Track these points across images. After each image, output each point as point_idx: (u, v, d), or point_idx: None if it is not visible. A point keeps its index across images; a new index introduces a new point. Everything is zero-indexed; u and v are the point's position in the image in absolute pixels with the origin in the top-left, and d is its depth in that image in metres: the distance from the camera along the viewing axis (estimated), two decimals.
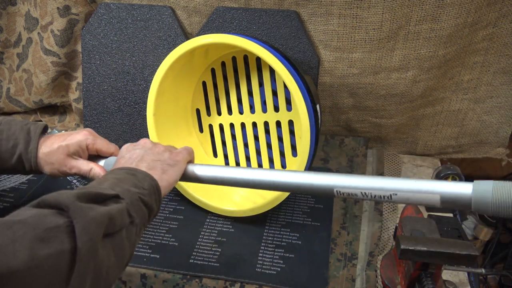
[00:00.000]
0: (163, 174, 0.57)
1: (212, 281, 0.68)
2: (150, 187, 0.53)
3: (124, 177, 0.52)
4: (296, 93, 0.66)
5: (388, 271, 0.64)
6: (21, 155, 0.65)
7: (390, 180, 0.51)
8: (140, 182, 0.52)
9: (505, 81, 0.86)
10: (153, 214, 0.53)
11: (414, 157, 0.97)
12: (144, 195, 0.51)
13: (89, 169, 0.66)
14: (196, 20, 0.90)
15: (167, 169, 0.58)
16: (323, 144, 0.93)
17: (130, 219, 0.48)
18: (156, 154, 0.60)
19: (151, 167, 0.57)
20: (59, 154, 0.65)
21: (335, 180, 0.53)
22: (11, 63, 1.09)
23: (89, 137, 0.67)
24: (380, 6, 0.77)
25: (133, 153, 0.60)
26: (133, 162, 0.58)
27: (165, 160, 0.59)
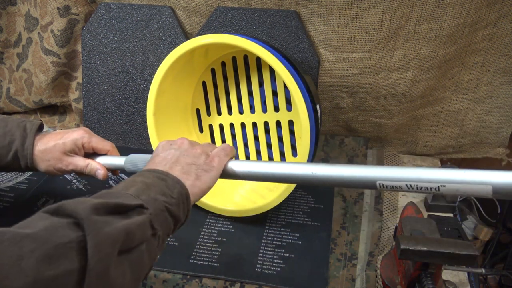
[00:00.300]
0: (197, 181, 0.54)
1: (212, 281, 0.68)
2: (179, 196, 0.50)
3: (153, 182, 0.49)
4: (296, 93, 0.66)
5: (388, 271, 0.64)
6: (17, 152, 0.65)
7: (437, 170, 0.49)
8: (170, 189, 0.49)
9: (505, 81, 0.86)
10: (179, 225, 0.51)
11: (414, 157, 0.97)
12: (171, 204, 0.48)
13: (86, 165, 0.67)
14: (196, 20, 0.90)
15: (201, 175, 0.55)
16: (323, 144, 0.93)
17: (153, 231, 0.45)
18: (192, 157, 0.56)
19: (186, 171, 0.54)
20: (55, 152, 0.66)
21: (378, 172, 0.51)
22: (11, 63, 1.09)
23: (84, 136, 0.67)
24: (380, 6, 0.77)
25: (168, 153, 0.57)
26: (167, 164, 0.55)
27: (200, 164, 0.56)
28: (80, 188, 0.86)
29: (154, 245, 0.45)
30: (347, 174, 0.53)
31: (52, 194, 0.84)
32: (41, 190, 0.85)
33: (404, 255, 0.54)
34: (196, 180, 0.54)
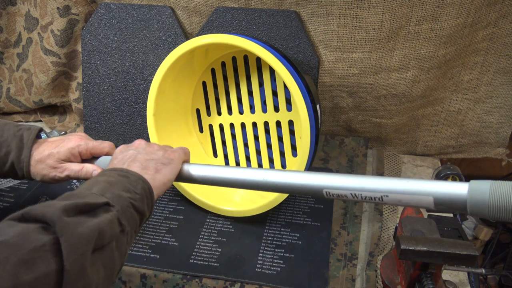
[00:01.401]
0: (157, 173, 0.55)
1: (212, 281, 0.68)
2: (143, 191, 0.51)
3: (116, 180, 0.50)
4: (296, 93, 0.66)
5: (388, 271, 0.64)
6: (14, 164, 0.64)
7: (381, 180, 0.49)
8: (132, 185, 0.50)
9: (505, 81, 0.86)
10: (144, 219, 0.51)
11: (414, 157, 0.97)
12: (135, 200, 0.49)
13: (81, 168, 0.66)
14: (196, 20, 0.90)
15: (161, 168, 0.56)
16: (323, 144, 0.93)
17: (121, 227, 0.46)
18: (150, 153, 0.58)
19: (144, 166, 0.55)
20: (49, 161, 0.64)
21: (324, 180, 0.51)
22: (11, 63, 1.09)
23: (81, 143, 0.66)
24: (380, 6, 0.77)
25: (126, 153, 0.58)
26: (126, 162, 0.56)
27: (159, 158, 0.57)
28: None
29: (123, 241, 0.46)
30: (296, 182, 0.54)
31: (52, 195, 0.84)
32: (41, 190, 0.85)
33: (404, 255, 0.54)
34: (156, 173, 0.55)
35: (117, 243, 0.45)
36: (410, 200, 0.47)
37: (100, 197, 0.46)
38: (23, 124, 0.68)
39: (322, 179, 0.52)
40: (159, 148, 0.60)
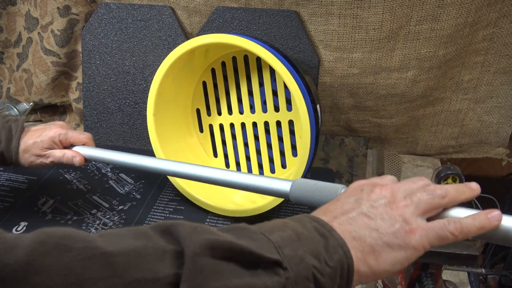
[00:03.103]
0: (370, 255, 0.36)
1: None
2: (339, 265, 0.34)
3: (308, 235, 0.35)
4: (296, 93, 0.66)
5: None
6: (3, 153, 0.68)
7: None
8: (328, 252, 0.34)
9: (505, 81, 0.86)
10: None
11: (414, 157, 0.97)
12: (323, 274, 0.33)
13: (62, 155, 0.70)
14: (196, 20, 0.90)
15: (382, 251, 0.36)
16: (323, 144, 0.93)
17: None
18: (379, 217, 0.37)
19: (358, 236, 0.36)
20: (34, 149, 0.69)
21: None
22: (11, 63, 1.09)
23: (61, 132, 0.70)
24: (380, 6, 0.77)
25: (349, 201, 0.39)
26: (339, 216, 0.38)
27: (386, 233, 0.36)
28: (80, 188, 0.86)
29: None
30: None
31: (52, 194, 0.84)
32: (41, 190, 0.85)
33: None
34: (370, 254, 0.36)
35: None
36: None
37: (274, 249, 0.32)
38: (9, 115, 0.72)
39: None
40: (400, 217, 0.37)
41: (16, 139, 0.68)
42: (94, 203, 0.82)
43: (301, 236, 0.34)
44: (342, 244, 0.34)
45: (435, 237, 0.37)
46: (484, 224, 0.37)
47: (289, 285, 0.31)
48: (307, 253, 0.33)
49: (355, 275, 0.35)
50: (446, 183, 0.79)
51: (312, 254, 0.33)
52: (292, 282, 0.31)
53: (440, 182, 0.78)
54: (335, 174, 0.87)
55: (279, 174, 0.82)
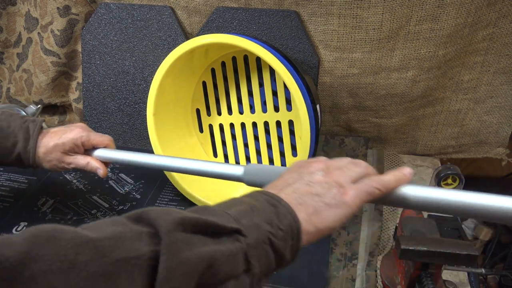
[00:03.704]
0: (314, 215, 0.42)
1: None
2: (289, 229, 0.39)
3: (261, 206, 0.40)
4: (296, 93, 0.66)
5: (388, 271, 0.64)
6: (20, 154, 0.67)
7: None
8: (279, 218, 0.39)
9: (505, 81, 0.86)
10: (283, 264, 0.40)
11: (414, 157, 0.97)
12: (277, 237, 0.38)
13: (86, 163, 0.69)
14: (196, 20, 0.90)
15: (322, 211, 0.42)
16: (323, 144, 0.93)
17: (247, 266, 0.36)
18: (318, 184, 0.44)
19: (301, 201, 0.42)
20: (56, 152, 0.68)
21: None
22: (11, 63, 1.09)
23: (83, 134, 0.69)
24: (380, 6, 0.77)
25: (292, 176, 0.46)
26: (284, 188, 0.44)
27: (324, 195, 0.43)
28: (80, 188, 0.86)
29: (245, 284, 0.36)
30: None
31: (52, 194, 0.84)
32: (41, 190, 0.85)
33: (404, 255, 0.53)
34: (313, 214, 0.42)
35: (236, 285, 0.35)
36: None
37: (233, 221, 0.37)
38: (27, 116, 0.71)
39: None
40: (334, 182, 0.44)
41: (33, 139, 0.67)
42: (94, 203, 0.82)
43: (255, 208, 0.39)
44: (290, 211, 0.40)
45: (364, 194, 0.44)
46: (400, 177, 0.46)
47: (249, 249, 0.36)
48: (261, 221, 0.38)
49: (303, 234, 0.41)
50: (446, 183, 0.79)
51: (266, 222, 0.38)
52: (252, 246, 0.36)
53: (440, 182, 0.78)
54: None
55: None
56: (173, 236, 0.33)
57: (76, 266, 0.30)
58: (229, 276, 0.35)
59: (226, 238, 0.36)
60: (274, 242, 0.38)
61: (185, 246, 0.33)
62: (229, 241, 0.36)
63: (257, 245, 0.37)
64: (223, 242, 0.35)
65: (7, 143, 0.66)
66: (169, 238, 0.32)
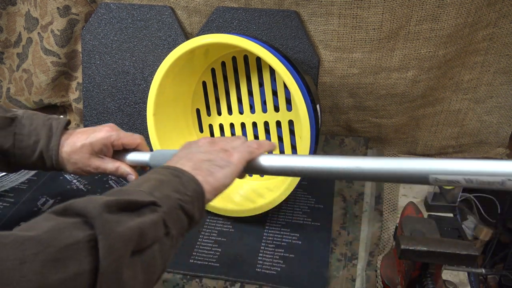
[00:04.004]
0: (209, 177, 0.50)
1: (212, 281, 0.68)
2: (194, 193, 0.47)
3: (167, 179, 0.47)
4: (296, 93, 0.66)
5: (388, 271, 0.64)
6: (43, 152, 0.63)
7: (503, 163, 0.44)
8: (184, 186, 0.46)
9: (505, 81, 0.86)
10: (193, 223, 0.48)
11: (414, 157, 0.97)
12: (185, 202, 0.45)
13: (116, 168, 0.65)
14: (196, 20, 0.90)
15: (215, 171, 0.51)
16: (323, 144, 0.93)
17: (166, 230, 0.42)
18: (208, 153, 0.53)
19: (197, 167, 0.50)
20: (83, 153, 0.64)
21: (431, 165, 0.47)
22: (11, 63, 1.09)
23: (113, 134, 0.65)
24: (380, 6, 0.77)
25: (185, 151, 0.55)
26: (180, 160, 0.52)
27: (215, 160, 0.52)
28: (80, 188, 0.86)
29: (167, 245, 0.43)
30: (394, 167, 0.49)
31: (52, 194, 0.84)
32: (41, 190, 0.85)
33: (404, 255, 0.54)
34: (209, 176, 0.50)
35: (160, 246, 0.42)
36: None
37: (147, 195, 0.43)
38: (51, 115, 0.67)
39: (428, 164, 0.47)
40: (221, 148, 0.55)
41: (56, 136, 0.63)
42: None
43: (163, 181, 0.46)
44: (192, 178, 0.48)
45: (246, 153, 0.55)
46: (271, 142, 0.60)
47: (166, 216, 0.43)
48: (171, 191, 0.45)
49: (206, 194, 0.49)
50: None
51: (174, 191, 0.45)
52: (167, 213, 0.43)
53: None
54: None
55: None
56: (103, 218, 0.37)
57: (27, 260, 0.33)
58: (154, 240, 0.41)
59: (145, 210, 0.42)
60: (184, 207, 0.45)
61: (116, 224, 0.37)
62: (149, 212, 0.42)
63: (171, 212, 0.43)
64: (144, 214, 0.41)
65: (29, 141, 0.63)
66: (100, 220, 0.37)
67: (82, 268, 0.35)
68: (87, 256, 0.35)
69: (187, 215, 0.46)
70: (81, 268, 0.35)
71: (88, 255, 0.35)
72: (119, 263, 0.36)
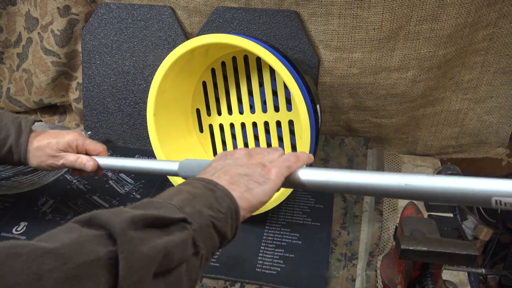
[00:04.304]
0: (246, 193, 0.47)
1: (212, 281, 0.68)
2: (228, 210, 0.44)
3: (200, 193, 0.44)
4: (296, 93, 0.66)
5: (388, 271, 0.64)
6: (12, 147, 0.67)
7: None
8: (218, 201, 0.44)
9: (505, 81, 0.86)
10: (225, 242, 0.45)
11: (414, 157, 0.97)
12: (218, 219, 0.43)
13: (76, 158, 0.69)
14: (196, 20, 0.90)
15: (253, 187, 0.48)
16: (323, 144, 0.93)
17: (195, 250, 0.40)
18: (245, 166, 0.50)
19: (234, 181, 0.48)
20: (48, 149, 0.68)
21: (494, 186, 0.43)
22: (11, 63, 1.09)
23: (79, 138, 0.70)
24: (380, 6, 0.77)
25: (220, 162, 0.52)
26: (216, 172, 0.49)
27: (253, 175, 0.49)
28: (81, 188, 0.86)
29: (195, 265, 0.40)
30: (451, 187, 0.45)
31: (52, 194, 0.84)
32: (41, 190, 0.85)
33: (404, 255, 0.53)
34: (246, 192, 0.47)
35: (188, 266, 0.39)
36: None
37: (177, 211, 0.41)
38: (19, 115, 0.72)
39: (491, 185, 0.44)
40: (259, 163, 0.52)
41: (26, 133, 0.67)
42: (94, 203, 0.82)
43: (195, 195, 0.43)
44: (227, 193, 0.45)
45: (284, 168, 0.51)
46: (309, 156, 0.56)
47: (196, 234, 0.40)
48: (203, 206, 0.42)
49: (241, 210, 0.45)
50: None
51: (207, 207, 0.42)
52: (198, 231, 0.40)
53: None
54: None
55: None
56: (128, 235, 0.35)
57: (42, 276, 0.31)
58: (181, 261, 0.38)
59: (174, 227, 0.39)
60: (217, 225, 0.42)
61: (140, 242, 0.35)
62: (177, 230, 0.39)
63: (202, 230, 0.41)
64: (173, 232, 0.38)
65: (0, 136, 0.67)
66: (124, 237, 0.34)
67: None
68: (105, 275, 0.33)
69: (219, 233, 0.43)
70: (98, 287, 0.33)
71: (107, 273, 0.33)
72: (140, 285, 0.34)
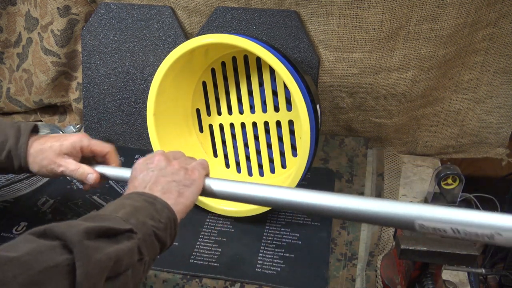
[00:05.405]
0: (179, 197, 0.53)
1: (212, 281, 0.68)
2: (167, 220, 0.49)
3: (142, 206, 0.49)
4: (296, 93, 0.66)
5: (388, 271, 0.64)
6: (11, 151, 0.63)
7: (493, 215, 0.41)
8: (158, 213, 0.49)
9: (505, 81, 0.86)
10: (165, 249, 0.50)
11: (414, 157, 0.97)
12: (159, 229, 0.48)
13: (77, 168, 0.64)
14: (196, 20, 0.90)
15: (184, 191, 0.54)
16: (323, 144, 0.93)
17: (140, 256, 0.45)
18: (171, 174, 0.55)
19: (166, 190, 0.53)
20: (50, 152, 0.64)
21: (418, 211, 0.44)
22: (11, 63, 1.09)
23: (84, 139, 0.66)
24: (380, 6, 0.77)
25: (146, 174, 0.55)
26: (147, 185, 0.54)
27: (180, 180, 0.54)
28: (81, 188, 0.86)
29: (139, 270, 0.45)
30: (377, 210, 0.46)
31: (52, 194, 0.84)
32: (41, 190, 0.85)
33: (404, 255, 0.54)
34: (179, 197, 0.53)
35: (133, 271, 0.44)
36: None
37: (124, 222, 0.45)
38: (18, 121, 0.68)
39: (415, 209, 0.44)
40: (180, 168, 0.56)
41: (25, 136, 0.63)
42: (94, 203, 0.82)
43: (138, 208, 0.48)
44: (165, 205, 0.50)
45: (202, 169, 0.57)
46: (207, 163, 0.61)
47: (141, 243, 0.45)
48: (146, 218, 0.47)
49: (177, 214, 0.51)
50: (446, 183, 0.79)
51: (149, 218, 0.47)
52: (142, 241, 0.45)
53: (440, 182, 0.78)
54: (335, 174, 0.87)
55: (279, 174, 0.82)
56: (83, 245, 0.39)
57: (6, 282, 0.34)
58: (128, 267, 0.43)
59: (122, 237, 0.43)
60: (158, 234, 0.47)
61: (95, 250, 0.39)
62: (125, 239, 0.44)
63: (145, 239, 0.46)
64: (121, 241, 0.43)
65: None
66: (80, 246, 0.38)
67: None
68: (64, 280, 0.37)
69: (159, 241, 0.48)
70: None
71: (65, 279, 0.37)
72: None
